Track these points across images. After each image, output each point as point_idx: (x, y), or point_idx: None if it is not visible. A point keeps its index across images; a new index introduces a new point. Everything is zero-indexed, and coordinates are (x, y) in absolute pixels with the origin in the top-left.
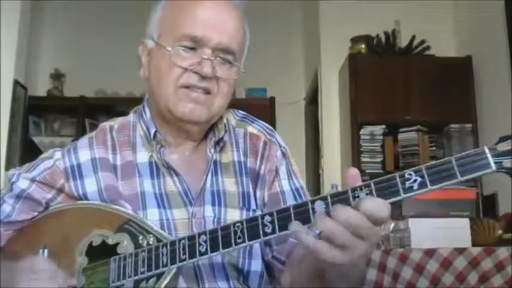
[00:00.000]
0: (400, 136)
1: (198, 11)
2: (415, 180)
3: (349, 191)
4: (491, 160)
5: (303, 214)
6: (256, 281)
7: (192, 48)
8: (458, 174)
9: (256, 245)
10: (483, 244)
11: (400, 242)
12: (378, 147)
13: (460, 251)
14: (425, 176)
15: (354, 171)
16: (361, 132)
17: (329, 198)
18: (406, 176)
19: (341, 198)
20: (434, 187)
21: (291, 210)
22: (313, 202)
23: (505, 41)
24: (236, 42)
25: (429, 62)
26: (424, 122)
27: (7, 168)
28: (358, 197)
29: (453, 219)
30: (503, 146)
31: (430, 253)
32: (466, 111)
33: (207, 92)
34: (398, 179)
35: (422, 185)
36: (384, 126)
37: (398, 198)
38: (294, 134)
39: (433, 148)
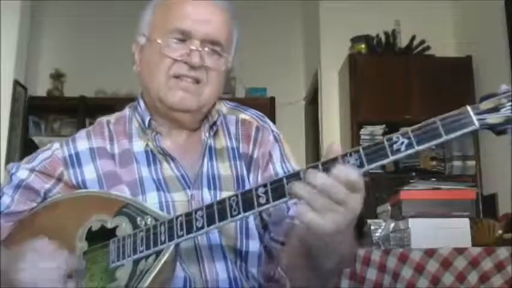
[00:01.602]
0: None
1: (187, 7)
2: (402, 143)
3: (339, 158)
4: (474, 118)
5: None
6: (254, 261)
7: (182, 40)
8: (443, 133)
9: (253, 225)
10: (483, 244)
11: (400, 242)
12: None
13: (460, 251)
14: (412, 137)
15: (337, 147)
16: (361, 132)
17: (320, 166)
18: (394, 139)
19: (331, 164)
20: (420, 147)
21: (284, 180)
22: (305, 171)
23: (505, 41)
24: (223, 34)
25: (429, 62)
26: None
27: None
28: (348, 162)
29: (453, 219)
30: (486, 105)
31: (430, 253)
32: None
33: (197, 81)
34: (386, 142)
35: (409, 146)
36: (383, 126)
37: (387, 160)
38: (294, 134)
39: (433, 148)
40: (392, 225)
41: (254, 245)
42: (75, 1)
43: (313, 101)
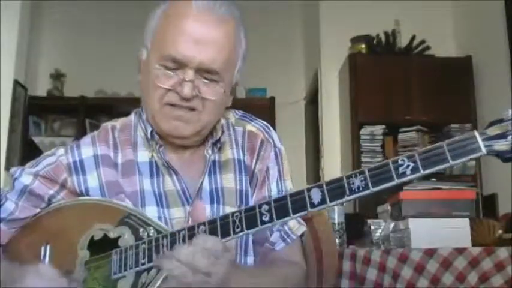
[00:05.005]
0: (400, 136)
1: (183, 27)
2: (408, 166)
3: (344, 178)
4: (481, 144)
5: (300, 202)
6: None
7: (176, 68)
8: (449, 158)
9: (250, 242)
10: (483, 244)
11: (400, 242)
12: (377, 147)
13: (460, 251)
14: (418, 161)
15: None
16: (361, 132)
17: (324, 186)
18: (399, 162)
19: (336, 185)
20: (426, 171)
21: (288, 198)
22: (309, 190)
23: (505, 41)
24: (221, 60)
25: (429, 62)
26: (424, 122)
27: (7, 168)
28: (353, 183)
29: (453, 219)
30: (494, 130)
31: (430, 253)
32: (466, 111)
33: (192, 109)
34: (391, 165)
35: (415, 170)
36: (383, 126)
37: (392, 183)
38: (294, 134)
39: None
40: (392, 225)
41: (250, 261)
42: (75, 1)
43: (313, 101)
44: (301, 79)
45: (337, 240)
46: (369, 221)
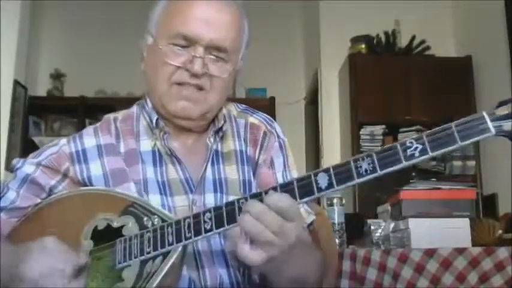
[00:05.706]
0: (400, 136)
1: (191, 9)
2: (416, 148)
3: (351, 162)
4: (490, 124)
5: (307, 187)
6: (258, 267)
7: (186, 46)
8: (458, 139)
9: None
10: (483, 244)
11: (400, 242)
12: (378, 147)
13: (460, 251)
14: (426, 142)
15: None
16: (361, 132)
17: (331, 170)
18: (407, 144)
19: (343, 169)
20: (435, 153)
21: (295, 183)
22: (316, 174)
23: (505, 41)
24: (230, 39)
25: (429, 62)
26: (424, 122)
27: (7, 168)
28: (360, 167)
29: (453, 219)
30: (502, 110)
31: (430, 253)
32: (466, 111)
33: (200, 88)
34: (399, 147)
35: (423, 151)
36: (383, 126)
37: (400, 166)
38: (294, 134)
39: None
40: (392, 225)
41: None
42: (75, 1)
43: (313, 101)
44: (301, 79)
45: (337, 240)
46: (369, 221)
